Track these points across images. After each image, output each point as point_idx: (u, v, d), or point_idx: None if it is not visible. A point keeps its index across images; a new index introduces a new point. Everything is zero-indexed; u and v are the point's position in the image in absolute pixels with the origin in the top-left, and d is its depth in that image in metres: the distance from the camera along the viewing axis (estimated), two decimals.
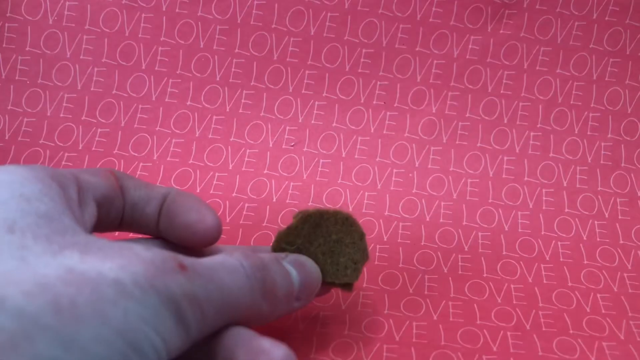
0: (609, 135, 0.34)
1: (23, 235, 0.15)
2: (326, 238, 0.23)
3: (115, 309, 0.14)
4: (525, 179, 0.34)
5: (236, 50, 0.35)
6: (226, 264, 0.18)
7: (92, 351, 0.14)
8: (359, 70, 0.35)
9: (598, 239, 0.32)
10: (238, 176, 0.34)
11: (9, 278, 0.14)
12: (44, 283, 0.14)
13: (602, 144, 0.34)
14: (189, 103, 0.35)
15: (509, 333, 0.26)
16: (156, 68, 0.34)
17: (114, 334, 0.14)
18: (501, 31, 0.34)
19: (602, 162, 0.34)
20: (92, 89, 0.34)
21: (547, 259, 0.30)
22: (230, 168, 0.34)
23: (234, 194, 0.33)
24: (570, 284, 0.29)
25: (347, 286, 0.23)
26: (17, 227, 0.15)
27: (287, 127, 0.35)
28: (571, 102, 0.34)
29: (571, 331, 0.26)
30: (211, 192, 0.33)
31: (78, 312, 0.14)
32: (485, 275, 0.29)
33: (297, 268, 0.21)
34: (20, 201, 0.16)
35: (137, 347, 0.15)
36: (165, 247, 0.21)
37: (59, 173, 0.19)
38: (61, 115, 0.34)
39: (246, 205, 0.33)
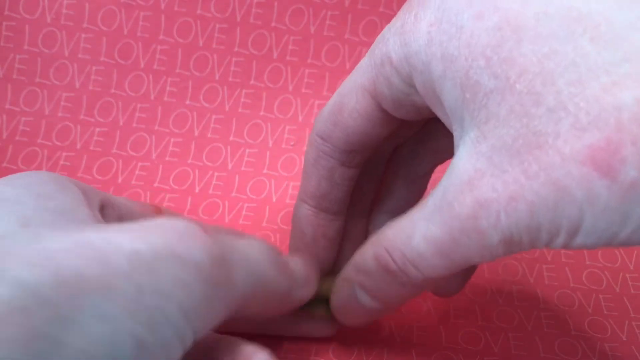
0: None
1: (37, 228, 0.14)
2: None
3: (129, 283, 0.13)
4: None
5: (235, 49, 0.34)
6: (242, 236, 0.18)
7: (94, 330, 0.12)
8: None
9: None
10: (237, 176, 0.33)
11: (15, 252, 0.13)
12: (50, 255, 0.13)
13: None
14: (187, 102, 0.34)
15: (510, 334, 0.26)
16: (155, 67, 0.34)
17: (124, 313, 0.13)
18: None
19: None
20: (90, 87, 0.34)
21: (549, 259, 0.30)
22: (230, 167, 0.34)
23: (233, 194, 0.33)
24: (572, 285, 0.29)
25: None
26: (32, 222, 0.15)
27: (287, 127, 0.34)
28: None
29: (573, 332, 0.26)
30: (210, 191, 0.33)
31: (83, 286, 0.12)
32: (486, 276, 0.29)
33: (299, 259, 0.21)
34: (36, 199, 0.15)
35: (153, 328, 0.13)
36: None
37: (84, 185, 0.18)
38: (59, 114, 0.34)
39: (245, 205, 0.32)
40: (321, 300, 0.23)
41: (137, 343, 0.13)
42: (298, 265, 0.21)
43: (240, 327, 0.22)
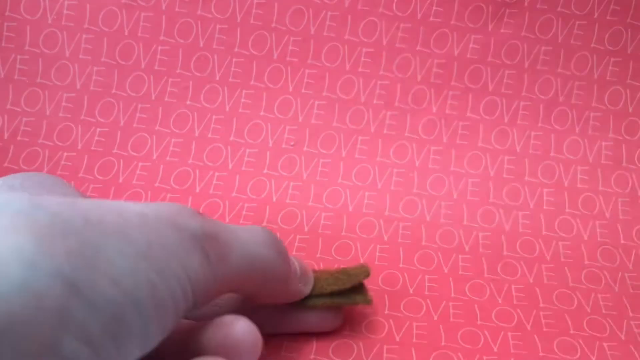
0: (610, 135, 0.34)
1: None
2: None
3: (140, 235, 0.15)
4: (526, 178, 0.33)
5: (236, 50, 0.34)
6: (240, 225, 0.19)
7: (118, 264, 0.14)
8: (359, 70, 0.34)
9: (599, 239, 0.32)
10: (238, 176, 0.34)
11: (48, 199, 0.14)
12: (74, 203, 0.14)
13: (603, 143, 0.34)
14: (188, 102, 0.34)
15: (509, 333, 0.26)
16: (155, 67, 0.34)
17: (139, 256, 0.14)
18: (502, 30, 0.34)
19: (603, 161, 0.34)
20: (91, 88, 0.34)
21: (548, 259, 0.30)
22: (230, 168, 0.34)
23: (234, 194, 0.33)
24: (571, 284, 0.29)
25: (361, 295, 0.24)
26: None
27: (287, 127, 0.34)
28: (572, 102, 0.34)
29: (572, 331, 0.26)
30: (210, 191, 0.33)
31: (105, 228, 0.14)
32: (485, 275, 0.29)
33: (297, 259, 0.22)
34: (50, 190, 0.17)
35: (163, 275, 0.15)
36: None
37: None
38: (60, 114, 0.34)
39: (246, 205, 0.33)
40: (321, 295, 0.23)
41: (151, 285, 0.14)
42: (297, 260, 0.22)
43: None
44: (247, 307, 0.22)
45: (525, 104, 0.34)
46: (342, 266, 0.25)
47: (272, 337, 0.24)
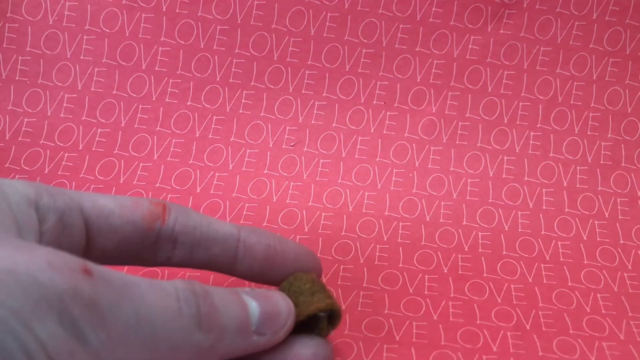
0: (609, 135, 0.34)
1: None
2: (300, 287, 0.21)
3: None
4: (526, 178, 0.34)
5: (236, 51, 0.35)
6: (154, 283, 0.16)
7: None
8: (359, 70, 0.35)
9: (598, 239, 0.32)
10: (238, 176, 0.34)
11: None
12: None
13: (603, 143, 0.34)
14: (189, 103, 0.35)
15: (509, 333, 0.26)
16: (156, 68, 0.34)
17: None
18: (501, 31, 0.34)
19: (602, 161, 0.34)
20: (92, 89, 0.34)
21: (547, 258, 0.30)
22: (231, 168, 0.34)
23: (234, 194, 0.33)
24: (570, 284, 0.29)
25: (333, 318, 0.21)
26: None
27: (287, 127, 0.35)
28: (571, 102, 0.34)
29: (571, 331, 0.26)
30: (211, 192, 0.33)
31: None
32: (485, 275, 0.29)
33: (258, 299, 0.19)
34: None
35: None
36: None
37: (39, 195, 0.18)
38: (61, 115, 0.34)
39: (246, 205, 0.33)
40: (314, 319, 0.21)
41: None
42: (251, 305, 0.19)
43: None
44: None
45: (524, 105, 0.34)
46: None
47: None
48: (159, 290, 0.16)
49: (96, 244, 0.20)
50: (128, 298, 0.15)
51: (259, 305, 0.19)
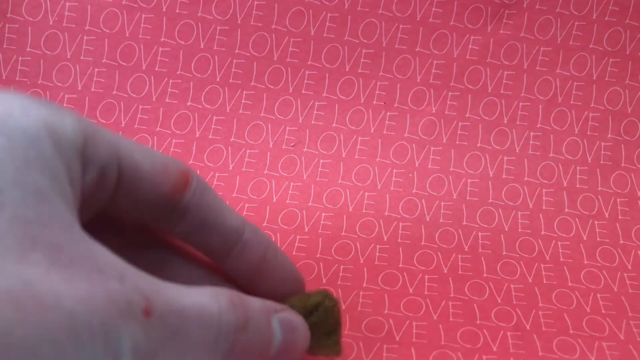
0: (609, 135, 0.34)
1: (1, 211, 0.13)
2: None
3: (55, 355, 0.12)
4: (525, 179, 0.34)
5: (236, 51, 0.35)
6: (204, 313, 0.16)
7: None
8: (359, 71, 0.35)
9: (598, 239, 0.32)
10: (238, 176, 0.34)
11: None
12: None
13: (602, 143, 0.34)
14: (189, 103, 0.35)
15: (508, 333, 0.26)
16: (156, 68, 0.34)
17: None
18: (501, 31, 0.34)
19: (602, 162, 0.34)
20: (92, 89, 0.34)
21: (547, 259, 0.30)
22: (231, 168, 0.34)
23: (234, 194, 0.33)
24: (570, 284, 0.29)
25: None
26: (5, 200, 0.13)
27: (287, 128, 0.35)
28: (571, 102, 0.34)
29: (571, 331, 0.26)
30: None
31: (12, 343, 0.12)
32: (485, 275, 0.29)
33: (284, 330, 0.19)
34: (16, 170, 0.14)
35: None
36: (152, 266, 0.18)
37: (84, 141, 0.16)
38: None
39: (246, 205, 0.33)
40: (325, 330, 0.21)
41: None
42: (277, 337, 0.19)
43: None
44: None
45: (524, 105, 0.34)
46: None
47: None
48: (204, 326, 0.16)
49: (114, 199, 0.18)
50: (177, 340, 0.15)
51: (283, 335, 0.19)
